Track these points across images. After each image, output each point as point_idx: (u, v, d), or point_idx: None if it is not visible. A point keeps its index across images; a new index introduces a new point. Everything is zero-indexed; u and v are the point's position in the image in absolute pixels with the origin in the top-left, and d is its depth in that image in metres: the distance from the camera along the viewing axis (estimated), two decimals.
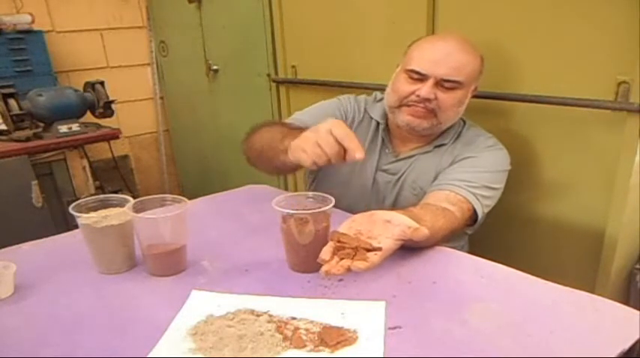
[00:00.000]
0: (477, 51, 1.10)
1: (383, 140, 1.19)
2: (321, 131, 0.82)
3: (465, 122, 1.19)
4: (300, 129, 0.92)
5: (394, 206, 1.16)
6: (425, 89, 1.04)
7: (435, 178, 1.12)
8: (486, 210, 1.06)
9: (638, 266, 1.18)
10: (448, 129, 1.15)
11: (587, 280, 1.18)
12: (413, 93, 1.06)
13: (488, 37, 1.26)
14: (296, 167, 0.95)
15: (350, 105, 1.23)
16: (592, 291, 0.76)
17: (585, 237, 1.20)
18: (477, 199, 1.03)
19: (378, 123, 1.20)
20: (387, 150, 1.18)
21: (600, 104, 1.08)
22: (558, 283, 0.79)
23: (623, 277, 1.19)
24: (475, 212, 1.04)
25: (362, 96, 1.27)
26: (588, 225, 1.20)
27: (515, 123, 1.28)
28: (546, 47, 1.16)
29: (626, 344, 0.64)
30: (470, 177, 1.05)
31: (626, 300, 1.17)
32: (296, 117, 1.19)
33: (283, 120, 1.20)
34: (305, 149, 0.83)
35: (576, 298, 0.75)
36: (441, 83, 1.05)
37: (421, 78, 1.06)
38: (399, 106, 1.10)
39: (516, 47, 1.22)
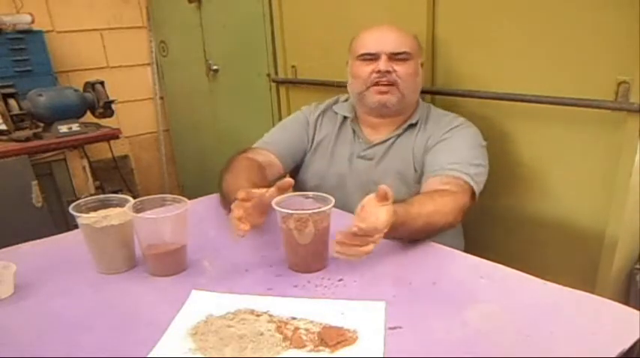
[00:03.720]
0: (409, 31, 1.21)
1: (354, 131, 1.27)
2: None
3: (433, 105, 1.30)
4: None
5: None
6: (382, 63, 1.15)
7: (414, 160, 1.20)
8: (480, 185, 1.11)
9: (638, 266, 1.18)
10: (415, 109, 1.25)
11: (587, 280, 1.18)
12: (373, 71, 1.16)
13: (488, 37, 1.26)
14: None
15: (309, 114, 1.34)
16: (592, 291, 0.76)
17: (585, 237, 1.20)
18: (469, 176, 1.08)
19: (345, 117, 1.29)
20: (360, 139, 1.27)
21: (600, 104, 1.08)
22: (558, 283, 0.79)
23: (623, 277, 1.19)
24: (471, 189, 1.08)
25: (324, 102, 1.36)
26: (588, 225, 1.20)
27: (515, 123, 1.28)
28: (546, 47, 1.16)
29: (626, 344, 0.64)
30: (452, 159, 1.11)
31: (626, 300, 1.17)
32: (265, 141, 1.29)
33: (253, 146, 1.29)
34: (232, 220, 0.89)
35: (576, 298, 0.75)
36: (392, 57, 1.16)
37: (373, 57, 1.17)
38: (366, 89, 1.19)
39: (516, 47, 1.22)
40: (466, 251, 0.96)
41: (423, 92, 1.44)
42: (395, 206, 0.85)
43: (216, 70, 2.34)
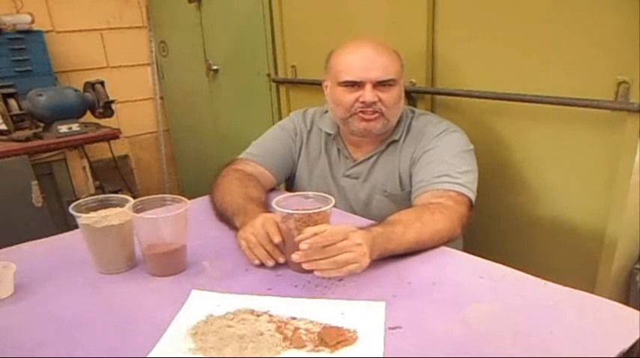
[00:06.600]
0: (391, 48, 1.15)
1: (339, 150, 1.25)
2: (253, 234, 0.90)
3: (414, 112, 1.24)
4: (247, 204, 1.03)
5: (367, 207, 1.22)
6: (367, 94, 1.10)
7: (400, 178, 1.18)
8: (474, 191, 1.08)
9: (638, 266, 1.18)
10: (397, 125, 1.20)
11: (587, 280, 1.18)
12: (357, 100, 1.11)
13: (488, 37, 1.26)
14: None
15: (297, 124, 1.31)
16: (592, 291, 0.76)
17: (585, 237, 1.20)
18: (460, 185, 1.05)
19: (329, 134, 1.26)
20: (345, 158, 1.25)
21: (600, 104, 1.08)
22: (558, 283, 0.79)
23: (623, 277, 1.19)
24: (467, 199, 1.06)
25: (311, 109, 1.34)
26: (588, 225, 1.20)
27: (515, 123, 1.28)
28: (546, 47, 1.16)
29: (626, 344, 0.64)
30: (440, 170, 1.07)
31: (626, 300, 1.17)
32: (253, 153, 1.27)
33: (240, 157, 1.28)
34: (246, 250, 0.91)
35: (576, 298, 0.76)
36: (377, 85, 1.10)
37: (357, 85, 1.11)
38: (350, 116, 1.14)
39: (516, 47, 1.21)
40: (466, 251, 0.96)
41: (423, 92, 1.44)
42: (375, 226, 0.86)
43: (216, 70, 2.34)
